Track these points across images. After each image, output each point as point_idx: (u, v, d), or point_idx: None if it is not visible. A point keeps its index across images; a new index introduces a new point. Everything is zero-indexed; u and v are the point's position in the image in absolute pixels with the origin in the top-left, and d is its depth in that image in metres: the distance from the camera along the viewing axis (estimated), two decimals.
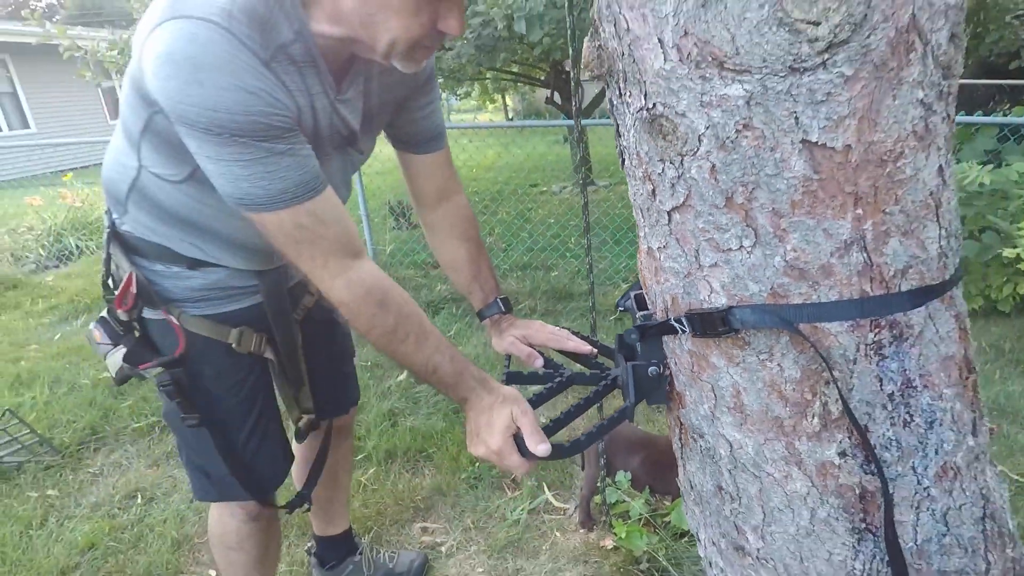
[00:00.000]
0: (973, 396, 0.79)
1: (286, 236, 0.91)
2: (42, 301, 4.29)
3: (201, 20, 0.80)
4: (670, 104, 0.70)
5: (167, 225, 1.10)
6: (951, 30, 0.65)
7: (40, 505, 2.09)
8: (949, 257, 0.74)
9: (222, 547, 1.37)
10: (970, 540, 0.81)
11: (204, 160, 0.88)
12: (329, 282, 0.94)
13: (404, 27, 0.88)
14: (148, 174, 1.04)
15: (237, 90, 0.82)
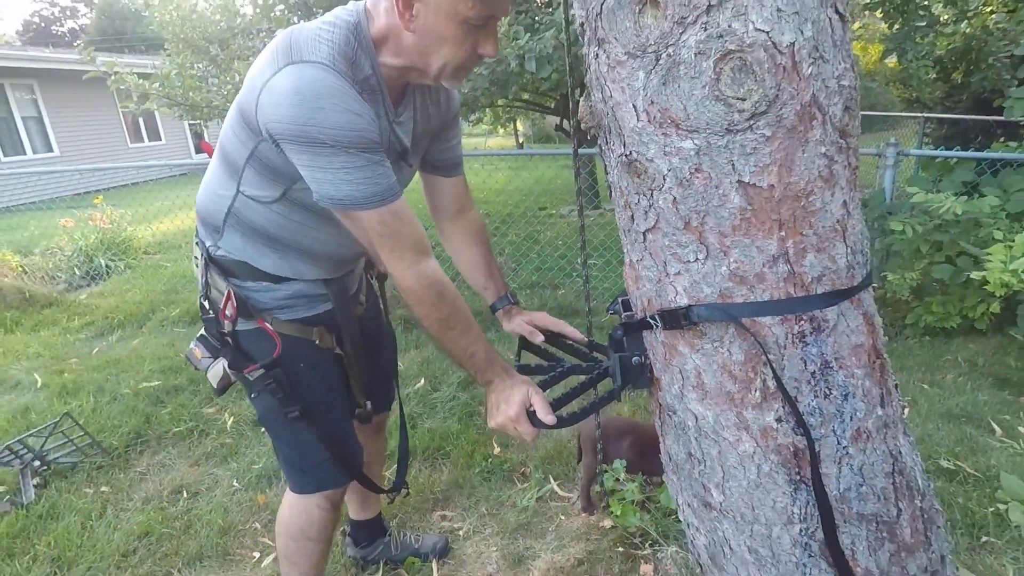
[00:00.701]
0: (881, 376, 1.02)
1: (373, 231, 1.13)
2: (78, 318, 4.54)
3: (316, 64, 1.06)
4: (642, 152, 0.95)
5: (257, 242, 1.29)
6: (845, 104, 0.89)
7: (96, 500, 2.31)
8: (856, 268, 0.97)
9: (302, 538, 1.48)
10: (882, 490, 1.03)
11: (313, 171, 1.09)
12: (402, 271, 1.14)
13: (453, 53, 1.12)
14: (244, 198, 1.24)
15: (348, 113, 1.06)
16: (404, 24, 1.10)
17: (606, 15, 0.90)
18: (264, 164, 1.18)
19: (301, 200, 1.23)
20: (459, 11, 1.07)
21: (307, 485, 1.44)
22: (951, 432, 2.31)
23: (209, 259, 1.33)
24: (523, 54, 2.54)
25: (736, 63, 0.83)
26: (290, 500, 1.49)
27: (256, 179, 1.21)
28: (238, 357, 1.32)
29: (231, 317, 1.30)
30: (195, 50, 4.74)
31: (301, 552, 1.50)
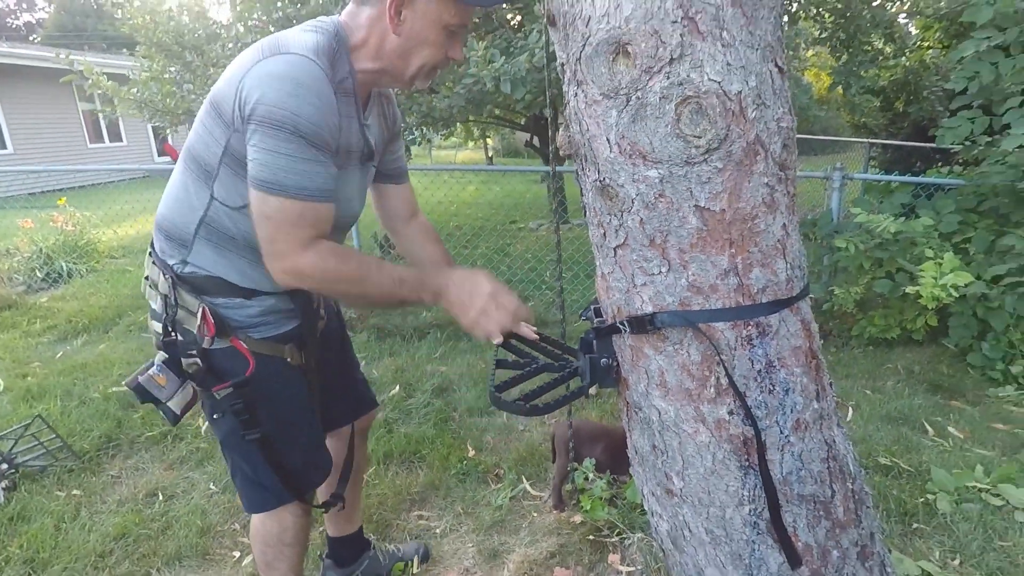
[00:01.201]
0: (817, 374, 1.18)
1: (286, 220, 1.15)
2: (39, 321, 4.46)
3: (301, 55, 1.14)
4: (614, 179, 1.09)
5: (230, 252, 1.28)
6: (783, 142, 1.05)
7: (69, 502, 2.32)
8: (795, 281, 1.13)
9: (279, 545, 1.49)
10: (818, 474, 1.18)
11: (262, 152, 1.12)
12: (301, 257, 1.17)
13: (432, 55, 1.24)
14: (218, 205, 1.24)
15: (318, 107, 1.13)
16: (392, 27, 1.21)
17: (585, 61, 1.04)
18: (238, 161, 1.19)
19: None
20: (443, 18, 1.21)
21: (268, 501, 1.45)
22: (889, 432, 2.52)
23: (176, 278, 1.30)
24: (499, 76, 2.68)
25: (693, 107, 0.98)
26: (260, 515, 1.50)
27: (230, 180, 1.22)
28: (208, 376, 1.30)
29: (209, 334, 1.28)
30: (169, 55, 4.75)
31: (279, 558, 1.52)
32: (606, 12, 1.00)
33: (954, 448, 2.42)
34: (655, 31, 0.96)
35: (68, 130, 14.38)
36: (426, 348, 3.69)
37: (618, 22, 0.99)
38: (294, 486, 1.44)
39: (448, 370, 3.35)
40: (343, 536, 1.86)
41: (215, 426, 1.40)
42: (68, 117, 14.32)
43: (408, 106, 3.87)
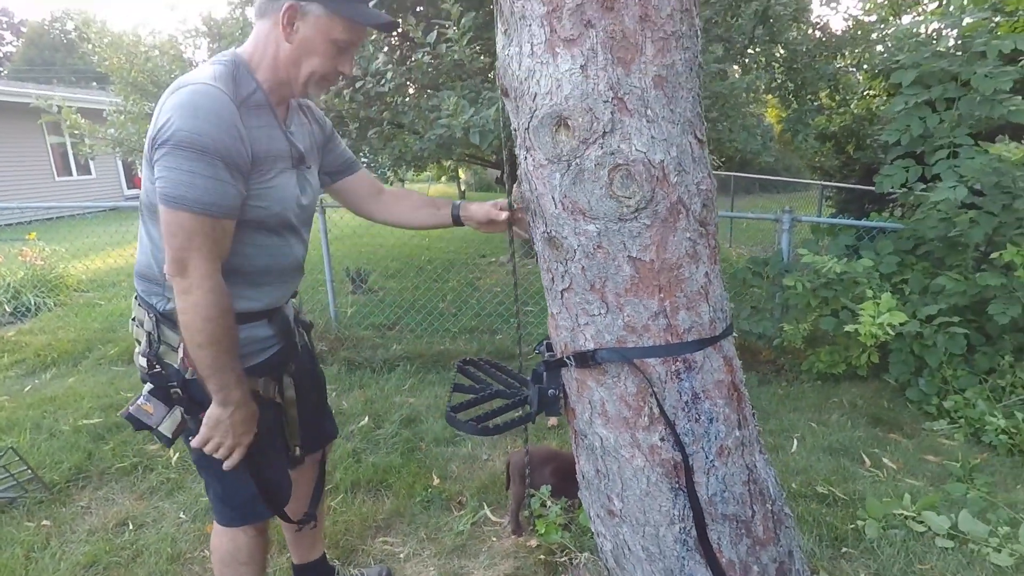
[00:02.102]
0: (739, 405, 1.33)
1: (188, 233, 1.22)
2: (7, 355, 4.43)
3: (199, 84, 1.24)
4: (559, 231, 1.24)
5: None
6: (703, 202, 1.22)
7: (39, 533, 2.34)
8: (717, 322, 1.29)
9: (234, 563, 1.58)
10: (740, 495, 1.33)
11: (168, 171, 1.20)
12: (200, 277, 1.24)
13: (321, 64, 1.36)
14: None
15: (218, 124, 1.22)
16: (285, 35, 1.33)
17: (532, 130, 1.21)
18: None
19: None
20: (331, 32, 1.34)
21: (234, 519, 1.55)
22: (829, 463, 2.69)
23: (159, 316, 1.40)
24: (468, 127, 2.87)
25: (624, 173, 1.14)
26: (218, 530, 1.60)
27: None
28: (192, 405, 1.40)
29: (190, 367, 1.37)
30: (144, 94, 4.86)
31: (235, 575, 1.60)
32: (549, 90, 1.16)
33: (887, 478, 2.59)
34: (590, 108, 1.13)
35: (35, 163, 14.23)
36: (395, 380, 3.78)
37: (559, 99, 1.15)
38: (252, 510, 1.54)
39: (416, 401, 3.45)
40: (308, 563, 1.94)
41: (191, 447, 1.48)
42: (35, 150, 14.17)
43: (381, 146, 4.04)
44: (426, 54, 3.35)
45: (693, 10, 1.17)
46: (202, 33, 4.93)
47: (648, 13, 1.10)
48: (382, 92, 3.60)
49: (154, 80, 4.76)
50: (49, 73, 31.94)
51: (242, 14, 4.90)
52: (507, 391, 1.58)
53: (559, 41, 1.13)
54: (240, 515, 1.55)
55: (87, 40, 5.12)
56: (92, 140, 4.86)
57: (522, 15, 1.17)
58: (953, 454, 2.83)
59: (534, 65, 1.18)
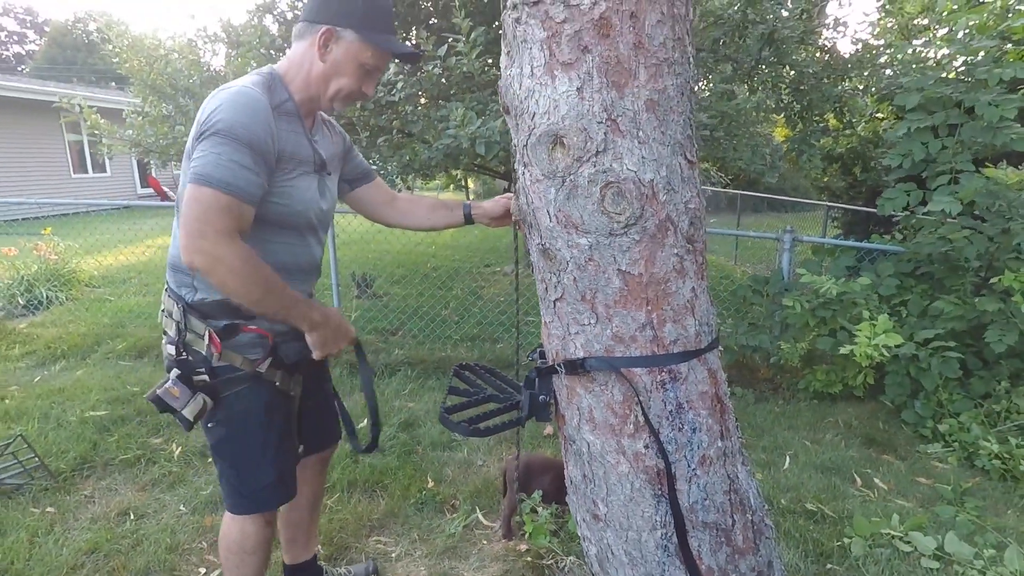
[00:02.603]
0: (721, 417, 1.38)
1: (213, 210, 1.30)
2: (18, 347, 4.53)
3: (239, 87, 1.39)
4: (553, 244, 1.30)
5: None
6: (691, 220, 1.27)
7: (43, 519, 2.40)
8: (703, 336, 1.34)
9: (241, 552, 1.65)
10: (720, 504, 1.37)
11: (202, 154, 1.32)
12: (221, 245, 1.30)
13: (348, 84, 1.51)
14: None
15: (253, 116, 1.36)
16: (320, 55, 1.49)
17: (530, 147, 1.27)
18: None
19: (259, 214, 1.44)
20: (360, 57, 1.51)
21: (246, 507, 1.63)
22: (820, 481, 2.72)
23: (187, 306, 1.51)
24: (475, 138, 2.94)
25: (615, 190, 1.20)
26: (227, 518, 1.66)
27: None
28: (218, 386, 1.52)
29: (216, 353, 1.50)
30: (162, 96, 4.97)
31: (241, 565, 1.67)
32: (547, 110, 1.23)
33: (878, 499, 2.62)
34: (584, 128, 1.19)
35: (53, 160, 14.50)
36: (396, 384, 3.84)
37: (556, 119, 1.22)
38: (264, 498, 1.63)
39: (416, 406, 3.50)
40: (298, 564, 1.99)
41: (210, 433, 1.59)
42: (54, 147, 14.45)
43: (390, 154, 4.12)
44: (436, 66, 3.44)
45: (686, 38, 1.23)
46: (220, 39, 5.05)
47: (642, 41, 1.16)
48: (393, 101, 3.69)
49: (172, 83, 4.87)
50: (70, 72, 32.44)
51: (260, 22, 5.02)
52: (500, 396, 1.63)
53: (557, 64, 1.20)
54: (252, 503, 1.63)
55: (108, 41, 5.26)
56: (110, 140, 4.97)
57: (524, 39, 1.24)
58: (945, 477, 2.85)
59: (534, 86, 1.24)
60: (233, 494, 1.63)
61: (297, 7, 5.10)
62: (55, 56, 34.46)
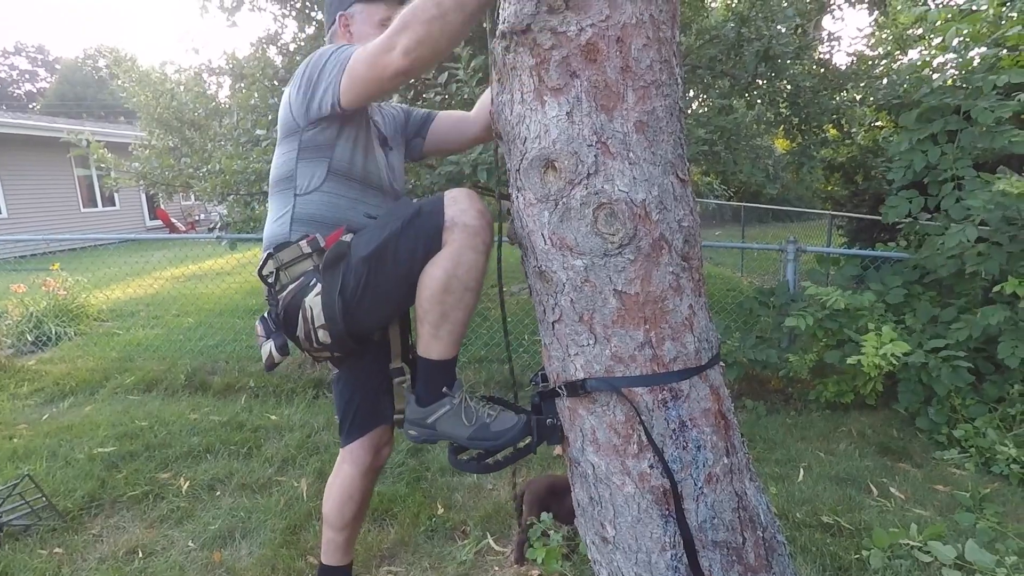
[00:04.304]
0: (726, 433, 1.37)
1: (363, 56, 1.41)
2: (27, 384, 4.55)
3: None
4: (548, 266, 1.31)
5: (312, 229, 1.58)
6: (685, 238, 1.28)
7: (51, 560, 2.40)
8: (703, 352, 1.33)
9: (459, 289, 1.43)
10: (729, 522, 1.35)
11: (331, 58, 1.49)
12: (390, 52, 1.35)
13: None
14: (299, 199, 1.59)
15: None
16: (348, 41, 1.67)
17: (523, 171, 1.28)
18: (310, 148, 1.58)
19: (341, 169, 1.60)
20: (375, 16, 1.67)
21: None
22: (835, 492, 2.68)
23: (276, 248, 1.59)
24: (476, 164, 2.97)
25: (608, 211, 1.21)
26: (438, 259, 1.43)
27: (308, 169, 1.59)
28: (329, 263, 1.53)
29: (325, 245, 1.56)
30: (169, 129, 5.06)
31: (458, 305, 1.46)
32: (538, 135, 1.24)
33: (895, 508, 2.57)
34: (575, 152, 1.20)
35: (63, 195, 14.71)
36: None
37: (547, 143, 1.23)
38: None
39: None
40: (335, 566, 1.95)
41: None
42: (63, 182, 14.68)
43: None
44: (437, 93, 3.48)
45: (673, 60, 1.25)
46: (225, 71, 5.14)
47: (629, 64, 1.18)
48: None
49: (178, 116, 4.96)
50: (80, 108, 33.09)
51: (263, 54, 5.11)
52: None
53: (547, 90, 1.21)
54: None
55: (117, 77, 5.36)
56: (117, 173, 5.05)
57: (513, 66, 1.25)
58: (963, 484, 2.81)
59: (524, 111, 1.25)
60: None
61: (300, 39, 5.20)
62: (65, 92, 35.16)
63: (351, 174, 1.62)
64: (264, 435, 3.48)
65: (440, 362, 1.51)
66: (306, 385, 4.28)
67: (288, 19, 5.18)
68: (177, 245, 9.84)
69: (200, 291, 7.26)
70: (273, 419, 3.71)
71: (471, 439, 1.50)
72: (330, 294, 1.49)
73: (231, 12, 4.87)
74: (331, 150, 1.59)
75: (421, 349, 1.52)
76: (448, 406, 1.53)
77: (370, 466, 1.87)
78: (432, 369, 1.52)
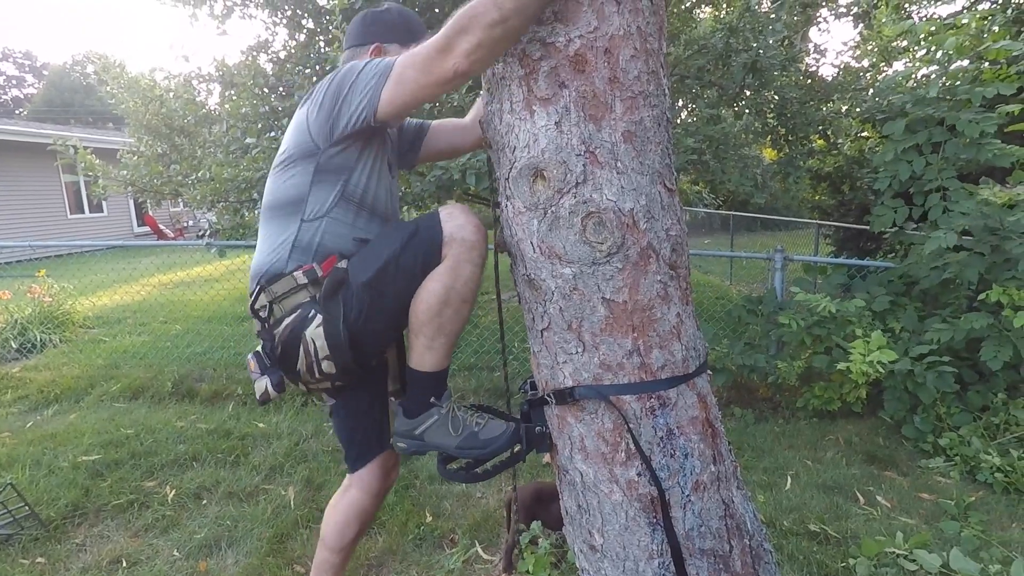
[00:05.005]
0: (713, 441, 1.37)
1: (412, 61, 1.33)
2: (10, 392, 4.49)
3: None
4: (537, 274, 1.31)
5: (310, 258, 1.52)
6: (672, 247, 1.29)
7: (33, 570, 2.36)
8: (690, 360, 1.34)
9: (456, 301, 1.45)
10: (716, 530, 1.36)
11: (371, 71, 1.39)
12: (458, 55, 1.24)
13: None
14: (305, 224, 1.51)
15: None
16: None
17: (512, 180, 1.29)
18: (328, 171, 1.51)
19: (354, 194, 1.53)
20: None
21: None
22: (822, 501, 2.69)
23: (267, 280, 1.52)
24: (465, 169, 2.99)
25: (596, 220, 1.22)
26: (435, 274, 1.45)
27: (321, 193, 1.52)
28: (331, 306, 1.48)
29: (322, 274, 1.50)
30: (158, 136, 5.04)
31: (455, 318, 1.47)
32: (527, 144, 1.25)
33: (881, 516, 2.59)
34: (564, 161, 1.21)
35: (50, 201, 14.58)
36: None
37: (536, 152, 1.24)
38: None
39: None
40: None
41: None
42: (50, 188, 14.55)
43: None
44: None
45: (660, 71, 1.26)
46: (215, 78, 5.13)
47: (617, 75, 1.19)
48: None
49: (167, 122, 4.94)
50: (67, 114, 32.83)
51: (254, 61, 5.11)
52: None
53: (536, 100, 1.22)
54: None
55: (105, 83, 5.34)
56: (106, 180, 5.02)
57: (502, 76, 1.27)
58: (948, 492, 2.83)
59: (513, 121, 1.26)
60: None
61: (290, 47, 5.20)
62: (53, 98, 34.89)
63: (362, 201, 1.55)
64: (251, 443, 3.45)
65: (433, 373, 1.53)
66: (294, 393, 4.25)
67: (279, 27, 5.19)
68: (165, 252, 9.79)
69: (188, 298, 7.21)
70: (261, 427, 3.68)
71: (459, 448, 1.50)
72: (335, 324, 1.46)
73: (222, 20, 4.86)
74: (348, 173, 1.52)
75: (414, 362, 1.52)
76: (436, 416, 1.53)
77: (379, 490, 1.81)
78: (424, 381, 1.53)
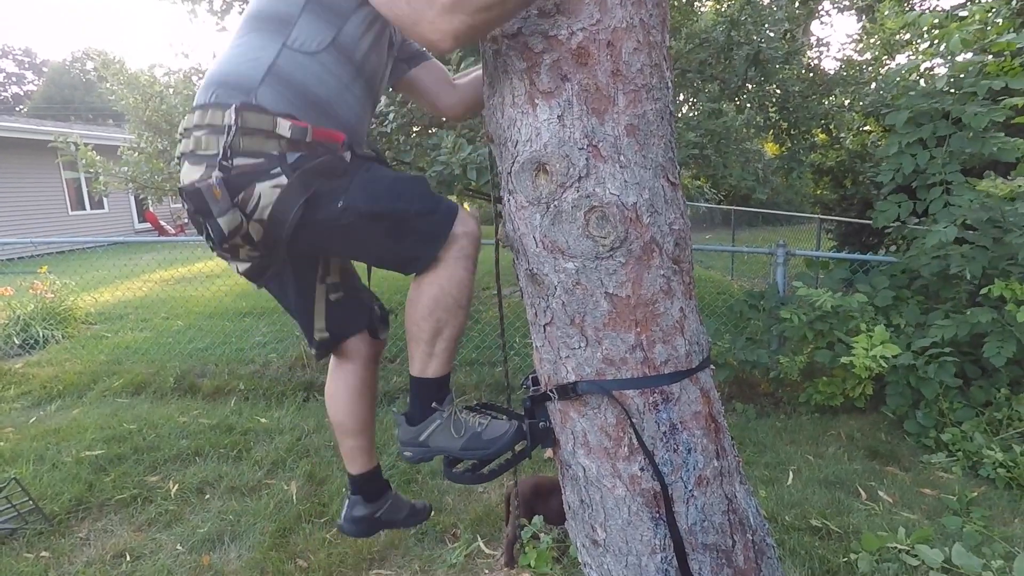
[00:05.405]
0: (716, 436, 1.37)
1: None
2: (13, 387, 4.50)
3: None
4: (540, 268, 1.31)
5: (295, 101, 1.33)
6: (676, 241, 1.28)
7: (37, 564, 2.37)
8: (694, 355, 1.34)
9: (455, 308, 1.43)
10: (719, 525, 1.36)
11: None
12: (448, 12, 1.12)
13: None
14: (289, 52, 1.33)
15: None
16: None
17: (514, 175, 1.28)
18: (324, 6, 1.35)
19: (345, 47, 1.38)
20: None
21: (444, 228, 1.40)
22: (824, 496, 2.69)
23: (240, 107, 1.29)
24: (466, 164, 2.98)
25: (599, 214, 1.21)
26: (430, 277, 1.41)
27: (311, 25, 1.35)
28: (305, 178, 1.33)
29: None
30: (158, 132, 5.02)
31: (452, 322, 1.44)
32: (529, 138, 1.24)
33: (883, 512, 2.59)
34: (567, 155, 1.21)
35: (50, 198, 14.59)
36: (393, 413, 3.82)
37: (538, 146, 1.23)
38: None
39: None
40: (365, 472, 1.75)
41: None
42: (51, 185, 14.55)
43: None
44: None
45: (663, 64, 1.25)
46: None
47: (619, 68, 1.19)
48: (386, 132, 3.73)
49: (167, 119, 4.92)
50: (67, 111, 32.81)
51: None
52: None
53: (538, 93, 1.22)
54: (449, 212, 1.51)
55: (105, 80, 5.32)
56: (106, 177, 5.01)
57: (504, 69, 1.26)
58: (950, 487, 2.83)
59: (515, 115, 1.26)
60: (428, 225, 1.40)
61: None
62: (53, 95, 34.85)
63: (352, 55, 1.40)
64: (254, 438, 3.46)
65: (435, 380, 1.50)
66: (296, 388, 4.26)
67: None
68: (166, 248, 9.78)
69: (189, 294, 7.22)
70: (263, 422, 3.69)
71: (464, 450, 1.48)
72: (294, 200, 1.31)
73: (221, 16, 4.85)
74: (343, 20, 1.37)
75: (416, 370, 1.50)
76: (439, 420, 1.50)
77: (369, 355, 1.70)
78: (427, 387, 1.50)
